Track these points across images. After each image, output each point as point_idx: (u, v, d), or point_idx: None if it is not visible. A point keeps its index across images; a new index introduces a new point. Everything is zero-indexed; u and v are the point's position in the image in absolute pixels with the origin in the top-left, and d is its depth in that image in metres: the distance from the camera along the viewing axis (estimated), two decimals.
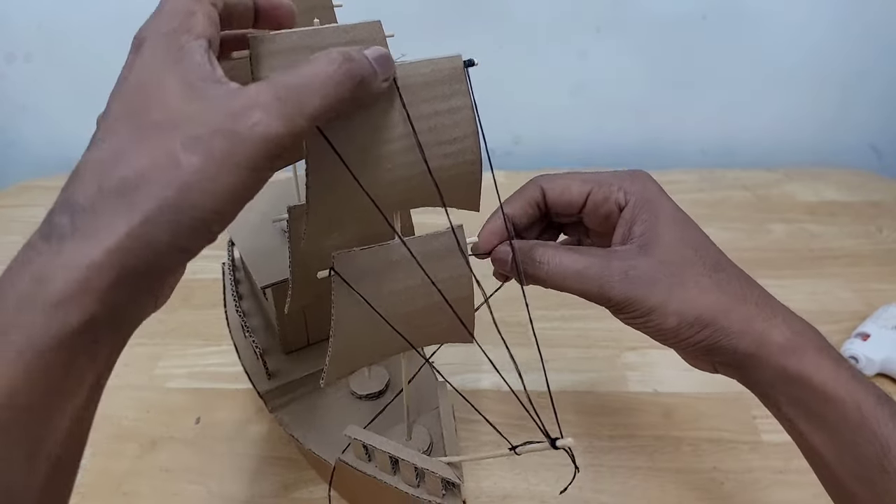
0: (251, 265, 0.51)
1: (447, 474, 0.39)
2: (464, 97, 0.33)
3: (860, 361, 0.60)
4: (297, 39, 0.33)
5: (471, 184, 0.35)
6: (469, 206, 0.37)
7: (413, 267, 0.35)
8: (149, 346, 0.66)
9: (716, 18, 0.89)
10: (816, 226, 0.82)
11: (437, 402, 0.47)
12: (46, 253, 0.24)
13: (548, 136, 0.99)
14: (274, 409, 0.50)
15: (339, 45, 0.38)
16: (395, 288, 0.36)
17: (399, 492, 0.42)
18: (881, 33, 0.90)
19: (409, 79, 0.31)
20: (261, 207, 0.56)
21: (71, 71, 0.95)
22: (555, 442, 0.33)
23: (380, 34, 0.34)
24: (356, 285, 0.34)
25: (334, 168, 0.31)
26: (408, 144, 0.32)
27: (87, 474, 0.53)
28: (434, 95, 0.32)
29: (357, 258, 0.34)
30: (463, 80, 0.33)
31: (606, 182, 0.38)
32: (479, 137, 0.34)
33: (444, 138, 0.33)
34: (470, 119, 0.33)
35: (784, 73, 0.93)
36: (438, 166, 0.33)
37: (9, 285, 0.24)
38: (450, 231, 0.35)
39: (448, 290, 0.36)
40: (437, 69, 0.32)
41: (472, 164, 0.34)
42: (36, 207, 0.90)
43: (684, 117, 0.97)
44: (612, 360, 0.63)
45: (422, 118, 0.32)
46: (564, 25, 0.90)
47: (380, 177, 0.32)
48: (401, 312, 0.36)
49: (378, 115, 0.31)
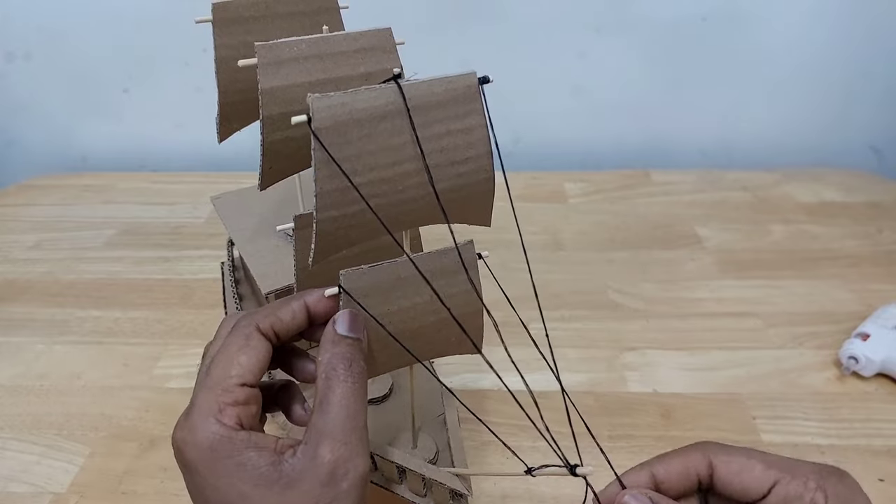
0: (255, 270, 0.50)
1: (456, 486, 0.39)
2: (478, 116, 0.32)
3: (860, 362, 0.60)
4: (306, 48, 0.33)
5: (484, 201, 0.35)
6: (481, 222, 0.36)
7: (421, 283, 0.35)
8: (148, 345, 0.66)
9: (715, 20, 0.89)
10: (816, 227, 0.82)
11: (439, 408, 0.47)
12: None
13: (548, 136, 0.99)
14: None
15: (349, 52, 0.38)
16: (403, 304, 0.35)
17: (406, 501, 0.41)
18: (881, 34, 0.90)
19: (422, 99, 0.31)
20: (261, 210, 0.56)
21: (71, 71, 0.95)
22: (574, 469, 0.31)
23: (390, 41, 0.34)
24: (364, 302, 0.34)
25: (344, 189, 0.31)
26: (419, 166, 0.32)
27: (87, 474, 0.53)
28: (447, 115, 0.32)
29: (365, 276, 0.33)
30: (478, 98, 0.32)
31: (801, 474, 0.30)
32: (494, 155, 0.33)
33: (457, 158, 0.32)
34: (484, 138, 0.33)
35: (783, 75, 0.93)
36: (451, 186, 0.33)
37: None
38: (459, 247, 0.35)
39: (458, 305, 0.36)
40: (451, 88, 0.31)
41: (486, 183, 0.34)
42: (36, 207, 0.90)
43: (684, 118, 0.97)
44: (612, 361, 0.63)
45: (434, 139, 0.32)
46: (564, 26, 0.90)
47: (391, 197, 0.32)
48: (409, 328, 0.36)
49: (389, 137, 0.31)
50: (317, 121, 0.29)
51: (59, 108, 0.99)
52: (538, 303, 0.35)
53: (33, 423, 0.58)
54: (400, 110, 0.31)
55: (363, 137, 0.30)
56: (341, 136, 0.30)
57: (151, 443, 0.56)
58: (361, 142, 0.30)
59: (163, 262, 0.78)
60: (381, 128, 0.31)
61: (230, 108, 0.46)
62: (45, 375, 0.63)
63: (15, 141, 1.02)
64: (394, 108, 0.31)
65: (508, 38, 0.90)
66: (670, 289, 0.72)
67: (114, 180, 0.95)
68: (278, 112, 0.38)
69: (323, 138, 0.30)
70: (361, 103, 0.30)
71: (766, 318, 0.67)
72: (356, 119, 0.30)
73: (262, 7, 0.44)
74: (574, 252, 0.79)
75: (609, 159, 0.99)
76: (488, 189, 0.34)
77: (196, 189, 0.92)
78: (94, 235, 0.83)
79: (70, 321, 0.69)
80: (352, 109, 0.30)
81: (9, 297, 0.73)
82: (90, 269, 0.77)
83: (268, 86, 0.37)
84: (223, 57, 0.44)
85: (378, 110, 0.30)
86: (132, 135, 1.00)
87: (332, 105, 0.29)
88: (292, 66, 0.37)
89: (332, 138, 0.30)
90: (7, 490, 0.52)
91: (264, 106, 0.38)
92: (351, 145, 0.30)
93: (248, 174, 0.92)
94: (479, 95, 0.32)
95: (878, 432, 0.56)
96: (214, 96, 0.46)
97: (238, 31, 0.44)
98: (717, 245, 0.79)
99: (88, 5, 0.90)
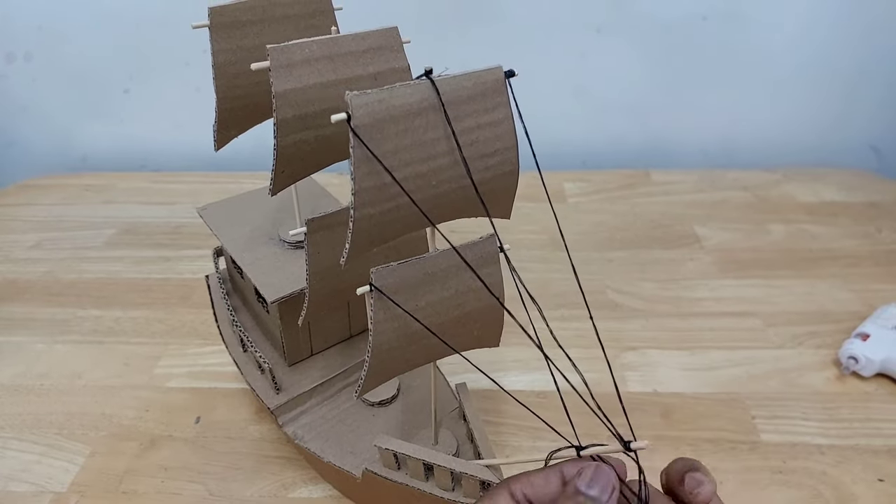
0: (257, 280, 0.49)
1: (487, 476, 0.39)
2: (505, 108, 0.33)
3: (860, 362, 0.60)
4: (317, 49, 0.33)
5: (507, 194, 0.36)
6: (502, 215, 0.37)
7: (447, 279, 0.35)
8: (149, 345, 0.66)
9: (716, 20, 0.89)
10: (816, 226, 0.82)
11: (452, 403, 0.47)
12: None
13: (548, 136, 0.99)
14: (285, 423, 0.50)
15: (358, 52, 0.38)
16: (430, 300, 0.36)
17: (434, 497, 0.41)
18: (880, 34, 0.90)
19: (454, 93, 0.31)
20: (253, 218, 0.55)
21: (71, 71, 0.96)
22: (629, 444, 0.30)
23: (396, 41, 0.34)
24: (395, 299, 0.34)
25: (381, 186, 0.31)
26: (452, 160, 0.32)
27: (87, 473, 0.53)
28: (477, 109, 0.32)
29: (395, 273, 0.34)
30: (504, 91, 0.33)
31: None
32: (518, 148, 0.34)
33: (486, 151, 0.33)
34: (511, 131, 0.33)
35: (784, 75, 0.93)
36: (479, 179, 0.33)
37: None
38: (482, 241, 0.36)
39: (481, 298, 0.36)
40: (480, 82, 0.32)
41: (511, 175, 0.35)
42: (36, 207, 0.90)
43: (684, 118, 0.97)
44: (612, 361, 0.63)
45: (465, 132, 0.32)
46: (564, 26, 0.90)
47: (425, 192, 0.32)
48: (436, 323, 0.36)
49: (424, 132, 0.31)
50: (356, 118, 0.29)
51: (59, 108, 0.99)
52: (587, 297, 0.35)
53: (34, 423, 0.58)
54: (434, 105, 0.31)
55: (399, 133, 0.31)
56: (379, 132, 0.30)
57: (152, 442, 0.56)
58: (398, 138, 0.31)
59: (163, 262, 0.78)
60: (416, 123, 0.31)
61: (228, 115, 0.46)
62: (46, 375, 0.63)
63: (15, 141, 1.02)
64: (428, 103, 0.31)
65: (509, 39, 0.91)
66: (670, 288, 0.72)
67: (114, 180, 0.95)
68: (292, 115, 0.38)
69: (362, 135, 0.30)
70: (397, 99, 0.30)
71: (765, 317, 0.67)
72: (392, 115, 0.30)
73: (259, 11, 0.44)
74: (574, 252, 0.79)
75: (609, 159, 0.99)
76: (512, 182, 0.35)
77: (196, 189, 0.92)
78: (95, 235, 0.83)
79: (70, 321, 0.69)
80: (388, 106, 0.30)
81: (9, 296, 0.73)
82: (91, 268, 0.77)
83: (281, 89, 0.37)
84: (221, 63, 0.44)
85: (413, 106, 0.31)
86: (132, 135, 1.01)
87: (369, 102, 0.30)
88: (304, 68, 0.37)
89: (371, 135, 0.30)
90: (8, 489, 0.52)
91: (278, 109, 0.38)
92: (388, 141, 0.30)
93: (248, 174, 0.93)
94: (506, 89, 0.32)
95: (877, 432, 0.56)
96: (214, 97, 0.46)
97: (235, 36, 0.44)
98: (717, 245, 0.79)
99: (89, 5, 0.90)
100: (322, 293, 0.44)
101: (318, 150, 0.41)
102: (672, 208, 0.85)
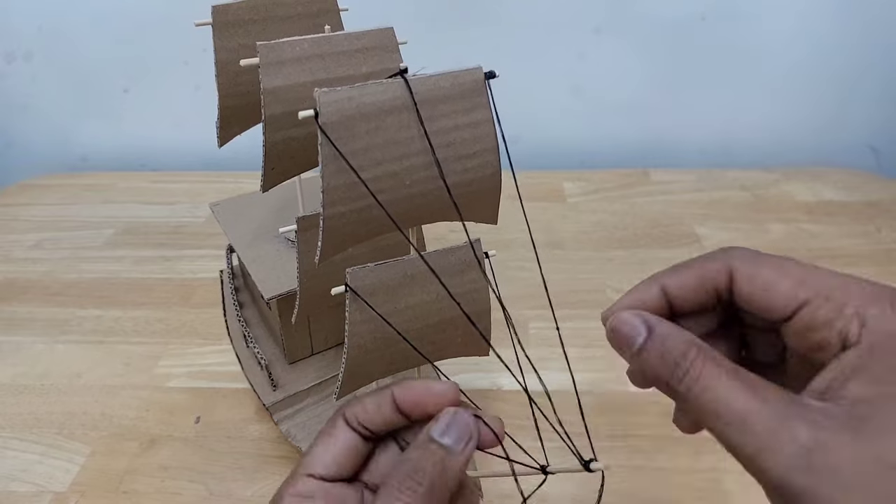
0: (256, 276, 0.50)
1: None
2: (485, 110, 0.32)
3: None
4: (309, 48, 0.33)
5: (490, 198, 0.35)
6: (488, 220, 0.36)
7: (428, 282, 0.34)
8: (149, 345, 0.66)
9: (714, 19, 0.89)
10: (814, 226, 0.82)
11: None
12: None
13: (547, 136, 0.99)
14: (280, 421, 0.50)
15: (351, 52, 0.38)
16: (410, 303, 0.35)
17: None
18: (879, 33, 0.90)
19: (429, 93, 0.31)
20: (260, 215, 0.56)
21: (71, 71, 0.96)
22: (588, 465, 0.31)
23: (392, 41, 0.34)
24: (370, 300, 0.34)
25: (351, 184, 0.31)
26: (427, 160, 0.32)
27: (87, 473, 0.53)
28: (455, 110, 0.32)
29: (371, 274, 0.33)
30: (484, 92, 0.32)
31: (836, 298, 0.24)
32: (500, 151, 0.33)
33: (464, 153, 0.32)
34: (491, 133, 0.33)
35: (782, 74, 0.94)
36: (458, 181, 0.33)
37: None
38: (466, 246, 0.35)
39: (465, 304, 0.35)
40: (458, 83, 0.31)
41: (493, 178, 0.34)
42: (36, 207, 0.90)
43: (683, 117, 0.98)
44: (612, 360, 0.63)
45: (441, 133, 0.32)
46: (563, 26, 0.90)
47: (398, 192, 0.32)
48: (415, 328, 0.36)
49: (396, 131, 0.31)
50: (324, 115, 0.29)
51: (59, 108, 0.99)
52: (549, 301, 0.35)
53: (34, 423, 0.58)
54: (407, 104, 0.31)
55: (370, 132, 0.30)
56: (348, 130, 0.30)
57: (152, 442, 0.56)
58: (368, 136, 0.30)
59: (163, 262, 0.78)
60: (388, 122, 0.31)
61: (231, 112, 0.46)
62: (46, 375, 0.63)
63: (15, 141, 1.02)
64: (400, 102, 0.31)
65: (508, 39, 0.91)
66: None
67: (114, 180, 0.95)
68: (280, 111, 0.38)
69: (330, 133, 0.30)
70: (368, 97, 0.30)
71: None
72: (363, 113, 0.30)
73: (262, 10, 0.44)
74: (573, 251, 0.79)
75: (608, 158, 0.99)
76: (494, 185, 0.34)
77: (196, 189, 0.92)
78: (95, 235, 0.83)
79: (71, 320, 0.69)
80: (359, 104, 0.30)
81: (9, 296, 0.73)
82: (91, 268, 0.77)
83: (270, 86, 0.37)
84: (223, 60, 0.44)
85: (385, 104, 0.30)
86: (132, 135, 1.01)
87: (339, 99, 0.29)
88: (294, 66, 0.37)
89: (339, 133, 0.30)
90: (8, 489, 0.52)
91: (266, 106, 0.38)
92: (358, 140, 0.30)
93: (247, 173, 0.93)
94: (486, 90, 0.32)
95: None
96: (214, 95, 0.46)
97: (238, 35, 0.44)
98: (717, 244, 0.78)
99: (89, 5, 0.90)
100: (313, 291, 0.44)
101: (308, 147, 0.41)
102: (671, 207, 0.85)
